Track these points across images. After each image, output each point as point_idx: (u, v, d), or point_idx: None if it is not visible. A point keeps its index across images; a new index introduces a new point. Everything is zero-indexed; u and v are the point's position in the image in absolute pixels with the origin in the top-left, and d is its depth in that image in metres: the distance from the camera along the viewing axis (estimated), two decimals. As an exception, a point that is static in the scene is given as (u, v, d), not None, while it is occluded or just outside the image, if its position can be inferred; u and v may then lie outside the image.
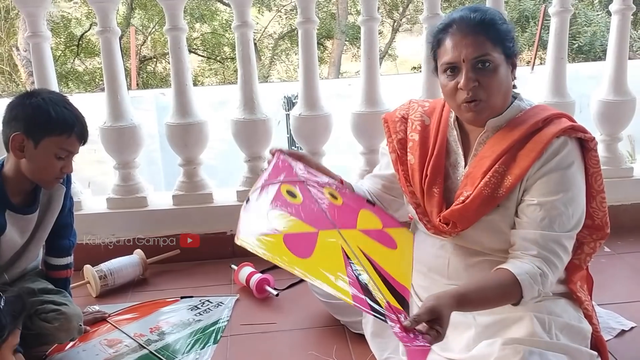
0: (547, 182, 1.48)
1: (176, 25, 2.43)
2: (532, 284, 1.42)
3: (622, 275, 2.28)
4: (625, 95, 2.59)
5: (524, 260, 1.45)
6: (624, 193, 2.63)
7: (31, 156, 1.72)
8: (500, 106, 1.54)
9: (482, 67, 1.48)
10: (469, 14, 1.51)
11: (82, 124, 1.77)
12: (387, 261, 1.46)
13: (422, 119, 1.69)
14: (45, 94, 1.76)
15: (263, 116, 2.52)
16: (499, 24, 1.51)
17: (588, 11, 11.30)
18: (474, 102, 1.50)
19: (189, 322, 2.05)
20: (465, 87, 1.48)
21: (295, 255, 1.37)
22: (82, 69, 13.18)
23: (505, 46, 1.50)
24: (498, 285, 1.44)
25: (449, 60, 1.51)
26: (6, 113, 1.74)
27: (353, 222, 1.51)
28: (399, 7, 14.07)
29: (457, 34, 1.50)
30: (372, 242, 1.49)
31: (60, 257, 1.97)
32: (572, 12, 2.58)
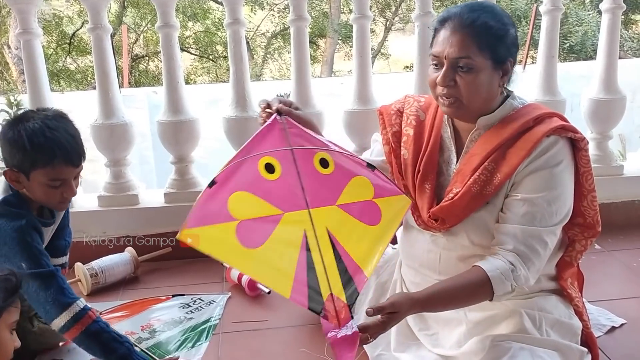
0: (533, 179, 1.49)
1: (168, 22, 2.43)
2: (503, 280, 1.43)
3: (613, 273, 2.29)
4: (616, 93, 2.61)
5: (497, 256, 1.47)
6: (614, 191, 2.64)
7: (28, 187, 1.68)
8: (480, 108, 1.54)
9: (462, 68, 1.48)
10: (465, 12, 1.50)
11: (67, 149, 1.65)
12: (357, 242, 1.45)
13: (417, 114, 1.70)
14: (26, 121, 1.65)
15: (255, 114, 2.52)
16: (493, 30, 1.49)
17: (579, 11, 11.34)
18: (449, 99, 1.51)
19: (180, 320, 2.05)
20: (441, 83, 1.50)
21: (242, 246, 1.37)
22: (74, 67, 13.11)
23: (495, 52, 1.49)
24: (467, 285, 1.46)
25: (434, 53, 1.53)
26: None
27: (335, 196, 1.46)
28: (391, 6, 14.08)
29: (448, 30, 1.50)
30: (347, 220, 1.46)
31: (57, 257, 1.94)
32: (563, 10, 2.59)
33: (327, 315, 1.37)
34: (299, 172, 1.45)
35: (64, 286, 1.65)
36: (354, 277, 1.41)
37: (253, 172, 1.42)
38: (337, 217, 1.45)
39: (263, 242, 1.39)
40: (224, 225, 1.37)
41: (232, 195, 1.39)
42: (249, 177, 1.42)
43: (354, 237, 1.45)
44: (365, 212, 1.48)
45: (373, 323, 1.37)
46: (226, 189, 1.40)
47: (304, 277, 1.38)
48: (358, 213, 1.47)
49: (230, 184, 1.40)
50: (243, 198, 1.40)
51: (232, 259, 1.41)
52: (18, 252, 1.63)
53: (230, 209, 1.38)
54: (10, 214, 1.68)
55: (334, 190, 1.47)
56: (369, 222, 1.48)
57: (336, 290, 1.38)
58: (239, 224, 1.37)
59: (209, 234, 1.35)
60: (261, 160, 1.44)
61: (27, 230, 1.66)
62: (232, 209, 1.38)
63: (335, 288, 1.38)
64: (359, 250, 1.44)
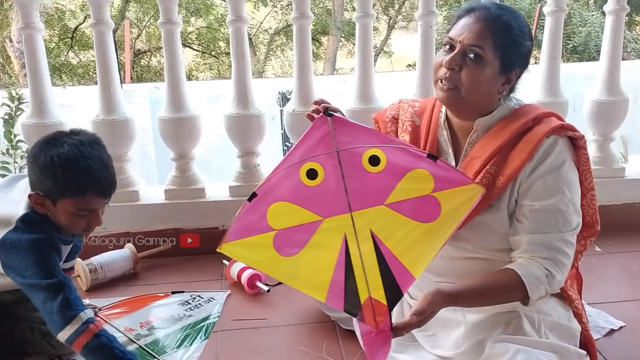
0: (544, 185, 1.49)
1: (170, 18, 2.42)
2: (538, 285, 1.44)
3: (612, 275, 2.29)
4: (618, 95, 2.60)
5: (532, 262, 1.47)
6: (615, 193, 2.64)
7: (53, 213, 1.65)
8: (474, 105, 1.54)
9: (472, 58, 1.48)
10: (492, 7, 1.52)
11: (100, 181, 1.61)
12: (405, 241, 1.42)
13: (412, 119, 1.70)
14: (59, 146, 1.59)
15: (256, 111, 2.52)
16: (512, 32, 1.50)
17: (583, 11, 11.31)
18: (448, 84, 1.50)
19: (179, 317, 2.05)
20: (447, 65, 1.50)
21: (279, 254, 1.42)
22: (76, 61, 13.10)
23: (506, 55, 1.50)
24: (499, 285, 1.47)
25: (451, 36, 1.53)
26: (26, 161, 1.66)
27: (384, 195, 1.42)
28: (394, 4, 14.05)
29: (472, 18, 1.51)
30: (396, 219, 1.42)
31: (67, 261, 1.92)
32: (567, 11, 2.58)
33: (363, 318, 1.38)
34: (343, 175, 1.43)
35: (72, 297, 1.60)
36: (398, 279, 1.39)
37: (294, 180, 1.43)
38: (384, 217, 1.43)
39: (301, 249, 1.42)
40: (262, 235, 1.42)
41: (272, 205, 1.43)
42: (289, 186, 1.44)
43: (403, 237, 1.42)
44: (420, 208, 1.43)
45: (404, 323, 1.36)
46: (266, 200, 1.43)
47: (341, 280, 1.40)
48: (410, 211, 1.42)
49: (270, 195, 1.43)
50: (282, 207, 1.43)
51: (268, 267, 1.45)
52: (31, 263, 1.60)
53: (269, 219, 1.42)
54: (30, 229, 1.64)
55: (384, 190, 1.43)
56: (423, 219, 1.42)
57: (376, 294, 1.38)
58: (277, 234, 1.42)
59: (247, 245, 1.42)
60: (303, 167, 1.44)
61: (44, 244, 1.63)
62: (270, 220, 1.42)
63: (375, 291, 1.38)
64: (407, 250, 1.41)
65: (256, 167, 2.59)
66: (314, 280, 1.43)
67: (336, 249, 1.41)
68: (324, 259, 1.42)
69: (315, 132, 1.47)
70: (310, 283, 1.44)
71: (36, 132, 2.45)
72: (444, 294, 1.41)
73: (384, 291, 1.38)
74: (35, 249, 1.61)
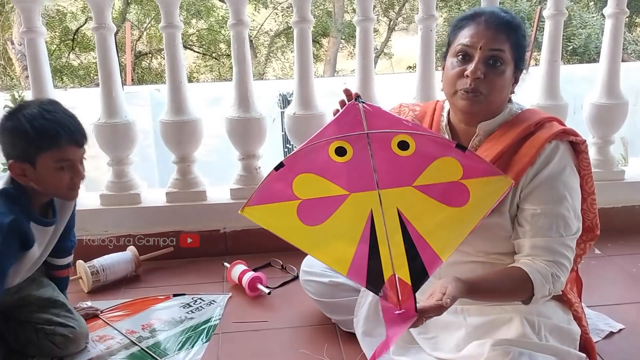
0: (546, 190, 1.50)
1: (171, 22, 2.43)
2: (544, 283, 1.46)
3: (612, 278, 2.30)
4: (618, 98, 2.61)
5: (536, 263, 1.48)
6: (615, 196, 2.65)
7: (35, 178, 1.67)
8: (495, 108, 1.56)
9: (492, 63, 1.50)
10: (500, 12, 1.54)
11: (70, 128, 1.66)
12: (433, 223, 1.42)
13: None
14: (23, 109, 1.65)
15: (257, 115, 2.53)
16: (522, 34, 1.54)
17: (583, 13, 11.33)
18: (474, 93, 1.51)
19: (181, 319, 2.06)
20: (472, 75, 1.49)
21: (303, 223, 1.43)
22: (77, 63, 13.11)
23: (519, 56, 1.54)
24: (510, 279, 1.49)
25: (467, 42, 1.52)
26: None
27: (412, 177, 1.44)
28: (395, 6, 14.05)
29: (483, 24, 1.52)
30: (425, 200, 1.43)
31: (63, 257, 1.96)
32: (567, 15, 2.59)
33: (386, 296, 1.37)
34: (372, 155, 1.45)
35: None
36: (425, 259, 1.38)
37: (322, 155, 1.45)
38: (411, 198, 1.43)
39: (324, 220, 1.43)
40: (286, 203, 1.43)
41: (298, 176, 1.45)
42: (317, 160, 1.45)
43: (430, 219, 1.42)
44: (449, 193, 1.43)
45: (430, 307, 1.35)
46: (293, 170, 1.45)
47: (365, 255, 1.39)
48: (439, 194, 1.43)
49: (297, 166, 1.45)
50: (309, 179, 1.45)
51: (290, 235, 1.44)
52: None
53: (295, 189, 1.44)
54: (6, 204, 1.66)
55: (412, 172, 1.45)
56: (451, 204, 1.43)
57: (401, 272, 1.37)
58: (301, 203, 1.43)
59: (270, 210, 1.43)
60: (332, 144, 1.46)
61: (6, 231, 1.63)
62: (296, 189, 1.44)
63: (399, 269, 1.37)
64: (435, 232, 1.41)
65: (257, 170, 2.60)
66: (337, 252, 1.43)
67: (361, 223, 1.41)
68: (348, 232, 1.42)
69: (346, 115, 1.49)
70: (332, 255, 1.44)
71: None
72: (463, 283, 1.41)
73: (409, 270, 1.37)
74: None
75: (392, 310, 1.35)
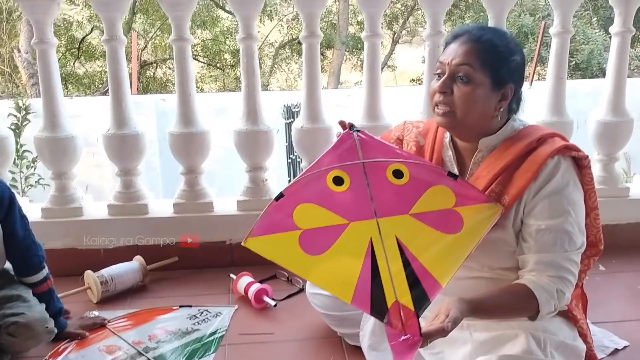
0: (549, 206, 1.51)
1: (182, 35, 2.46)
2: (549, 299, 1.47)
3: (617, 294, 2.30)
4: (623, 116, 2.63)
5: (541, 279, 1.49)
6: (619, 212, 2.66)
7: None
8: (473, 125, 1.58)
9: (461, 79, 1.53)
10: (474, 29, 1.58)
11: None
12: (430, 250, 1.46)
13: (416, 139, 1.73)
14: None
15: (265, 127, 2.55)
16: (498, 49, 1.54)
17: (586, 29, 11.37)
18: (443, 108, 1.54)
19: (187, 331, 2.07)
20: (439, 88, 1.55)
21: (305, 253, 1.47)
22: (82, 72, 13.17)
23: (496, 71, 1.53)
24: (514, 296, 1.49)
25: (440, 60, 1.58)
26: None
27: (408, 205, 1.49)
28: (399, 19, 14.12)
29: (457, 43, 1.56)
30: (421, 228, 1.48)
31: (33, 274, 1.95)
32: (573, 33, 2.61)
33: (390, 322, 1.40)
34: (368, 184, 1.50)
35: None
36: (425, 284, 1.41)
37: (321, 185, 1.50)
38: (408, 225, 1.48)
39: (326, 249, 1.47)
40: (288, 233, 1.48)
41: (298, 206, 1.49)
42: (316, 190, 1.50)
43: (428, 246, 1.46)
44: (443, 220, 1.49)
45: (434, 330, 1.36)
46: (292, 200, 1.50)
47: (367, 283, 1.42)
48: (434, 221, 1.48)
49: (296, 196, 1.50)
50: (309, 209, 1.49)
51: (294, 265, 1.50)
52: None
53: (295, 219, 1.48)
54: None
55: (408, 200, 1.50)
56: (446, 231, 1.48)
57: (403, 298, 1.40)
58: (303, 233, 1.48)
59: (272, 241, 1.48)
60: (330, 174, 1.51)
61: None
62: (297, 219, 1.48)
63: (401, 296, 1.40)
64: (433, 259, 1.45)
65: (264, 182, 2.61)
66: (340, 281, 1.46)
67: (362, 252, 1.45)
68: (350, 261, 1.45)
69: (341, 145, 1.55)
70: (336, 284, 1.47)
71: (48, 145, 2.49)
72: (467, 302, 1.42)
73: (411, 296, 1.40)
74: None
75: (398, 337, 1.37)
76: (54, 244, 2.49)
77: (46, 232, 2.47)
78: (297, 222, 1.49)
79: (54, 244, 2.48)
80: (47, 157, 2.52)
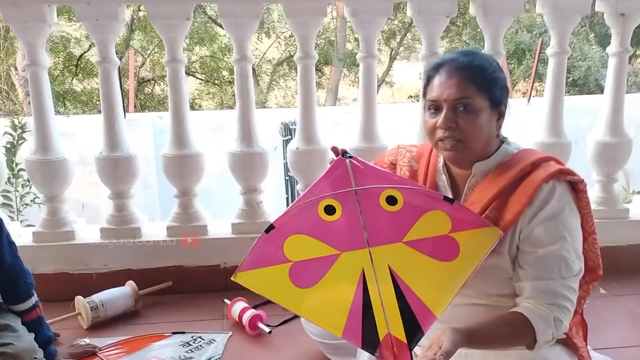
0: (545, 232, 1.48)
1: (175, 57, 2.44)
2: (546, 328, 1.43)
3: (618, 319, 2.26)
4: (622, 136, 2.61)
5: (538, 306, 1.45)
6: (619, 234, 2.62)
7: None
8: (480, 151, 1.55)
9: (462, 109, 1.49)
10: (459, 57, 1.54)
11: None
12: (425, 279, 1.42)
13: (410, 164, 1.70)
14: None
15: (260, 149, 2.52)
16: (488, 72, 1.52)
17: (583, 46, 11.43)
18: (451, 142, 1.51)
19: (180, 358, 2.02)
20: (442, 125, 1.50)
21: (295, 286, 1.43)
22: (80, 89, 13.19)
23: (491, 94, 1.51)
24: (510, 326, 1.45)
25: (432, 98, 1.53)
26: None
27: (402, 233, 1.45)
28: (396, 35, 14.20)
29: (444, 74, 1.52)
30: (415, 257, 1.44)
31: (23, 302, 1.91)
32: (570, 53, 2.59)
33: (382, 355, 1.36)
34: (360, 212, 1.46)
35: None
36: (419, 316, 1.38)
37: (312, 215, 1.47)
38: (402, 254, 1.44)
39: (317, 282, 1.43)
40: (278, 267, 1.45)
41: (289, 238, 1.46)
42: (307, 220, 1.47)
43: (422, 275, 1.43)
44: (439, 247, 1.45)
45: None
46: (283, 232, 1.46)
47: (359, 315, 1.39)
48: (429, 249, 1.44)
49: (287, 228, 1.47)
50: (299, 240, 1.46)
51: (284, 299, 1.46)
52: None
53: (286, 251, 1.45)
54: None
55: (402, 227, 1.46)
56: (442, 258, 1.44)
57: (395, 331, 1.36)
58: (293, 265, 1.44)
59: (262, 275, 1.45)
60: (321, 203, 1.47)
61: None
62: (287, 251, 1.45)
63: (394, 328, 1.37)
64: (427, 288, 1.41)
65: (259, 205, 2.58)
66: (331, 314, 1.42)
67: (354, 283, 1.41)
68: (341, 293, 1.42)
69: (333, 172, 1.52)
70: (326, 317, 1.44)
71: (40, 168, 2.45)
72: (461, 333, 1.38)
73: (404, 328, 1.37)
74: None
75: None
76: (45, 268, 2.46)
77: (37, 256, 2.45)
78: (288, 254, 1.45)
79: (45, 269, 2.45)
80: (39, 180, 2.49)
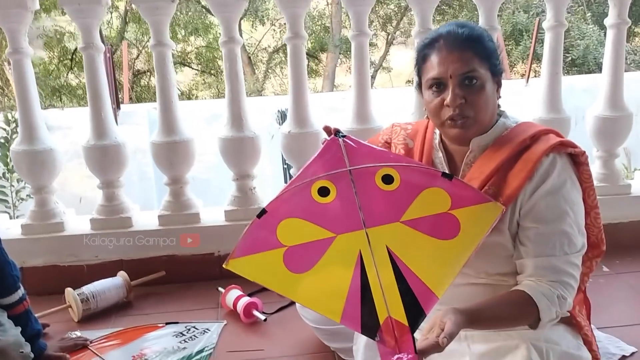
0: (547, 207, 1.43)
1: (161, 40, 2.37)
2: (550, 306, 1.39)
3: (622, 296, 2.22)
4: (622, 110, 2.55)
5: (541, 284, 1.41)
6: (621, 210, 2.57)
7: None
8: (487, 124, 1.50)
9: (469, 83, 1.43)
10: (456, 29, 1.47)
11: None
12: (425, 259, 1.37)
13: (405, 142, 1.65)
14: None
15: (251, 133, 2.46)
16: (487, 41, 1.48)
17: (581, 24, 11.35)
18: (462, 119, 1.45)
19: (173, 349, 1.98)
20: (452, 103, 1.43)
21: (290, 271, 1.38)
22: (76, 83, 13.13)
23: (491, 64, 1.47)
24: (513, 305, 1.41)
25: (435, 75, 1.46)
26: None
27: (399, 212, 1.39)
28: (392, 20, 14.12)
29: (444, 49, 1.45)
30: (414, 236, 1.38)
31: (9, 295, 1.84)
32: (567, 26, 2.53)
33: (383, 340, 1.31)
34: (356, 192, 1.41)
35: None
36: (420, 298, 1.33)
37: (305, 197, 1.42)
38: (400, 234, 1.39)
39: (312, 266, 1.38)
40: (272, 252, 1.39)
41: (282, 222, 1.41)
42: (300, 203, 1.42)
43: (422, 255, 1.38)
44: (438, 225, 1.39)
45: (430, 345, 1.27)
46: (276, 216, 1.41)
47: (357, 299, 1.34)
48: (428, 227, 1.39)
49: (280, 211, 1.42)
50: (293, 224, 1.41)
51: (279, 285, 1.41)
52: None
53: (279, 235, 1.40)
54: None
55: (399, 207, 1.41)
56: (442, 237, 1.39)
57: (396, 314, 1.31)
58: (287, 250, 1.39)
59: (255, 261, 1.39)
60: (314, 184, 1.42)
61: None
62: (280, 236, 1.40)
63: (394, 311, 1.32)
64: (428, 268, 1.36)
65: (252, 191, 2.52)
66: (328, 299, 1.37)
67: (351, 266, 1.36)
68: (338, 277, 1.37)
69: (326, 152, 1.46)
70: (323, 302, 1.39)
71: (26, 159, 2.40)
72: (463, 313, 1.33)
73: (405, 311, 1.32)
74: None
75: (391, 355, 1.28)
76: (35, 261, 2.42)
77: (27, 249, 2.41)
78: (281, 239, 1.40)
79: (35, 262, 2.42)
80: (25, 171, 2.44)
